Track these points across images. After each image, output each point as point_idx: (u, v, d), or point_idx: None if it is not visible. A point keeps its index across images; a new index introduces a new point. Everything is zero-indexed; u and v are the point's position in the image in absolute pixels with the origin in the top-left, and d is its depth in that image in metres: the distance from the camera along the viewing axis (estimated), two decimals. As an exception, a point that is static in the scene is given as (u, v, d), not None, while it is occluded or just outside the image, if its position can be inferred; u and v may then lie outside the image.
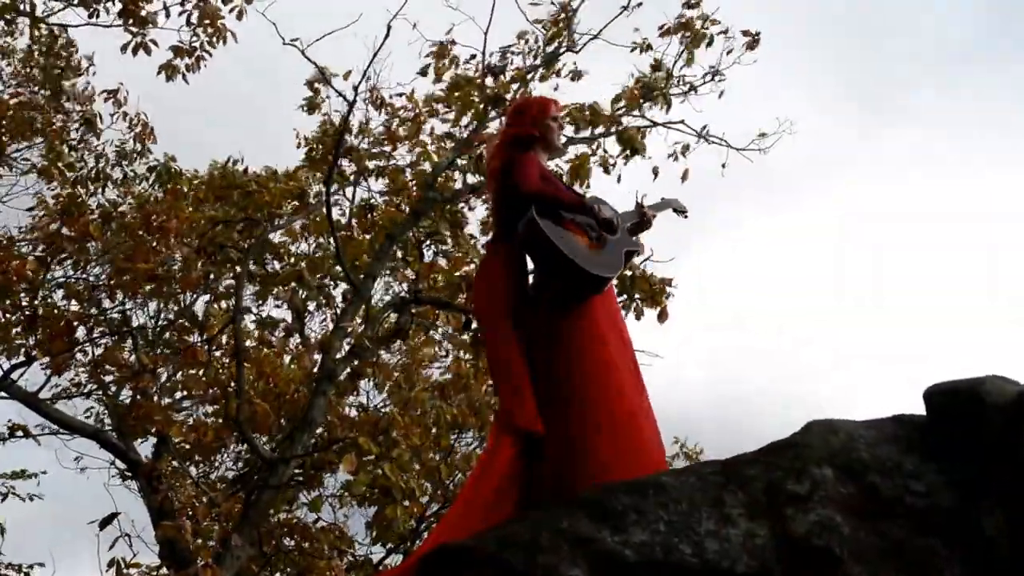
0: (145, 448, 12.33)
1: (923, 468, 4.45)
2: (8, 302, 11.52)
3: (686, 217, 6.16)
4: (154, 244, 11.91)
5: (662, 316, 12.20)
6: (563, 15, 13.20)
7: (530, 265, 5.65)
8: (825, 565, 4.20)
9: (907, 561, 4.20)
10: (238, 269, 12.35)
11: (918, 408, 4.79)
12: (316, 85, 13.52)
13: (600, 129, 12.77)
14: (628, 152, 12.84)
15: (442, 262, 13.44)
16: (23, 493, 12.66)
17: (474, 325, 12.65)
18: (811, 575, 4.20)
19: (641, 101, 13.07)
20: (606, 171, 13.03)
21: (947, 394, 4.59)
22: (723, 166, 13.63)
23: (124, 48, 12.44)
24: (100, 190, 13.59)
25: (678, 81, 13.35)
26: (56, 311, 12.05)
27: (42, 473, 12.63)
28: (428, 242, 13.24)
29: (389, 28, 12.15)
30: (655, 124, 13.31)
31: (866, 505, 4.35)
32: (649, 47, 13.39)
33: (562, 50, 13.42)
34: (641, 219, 5.87)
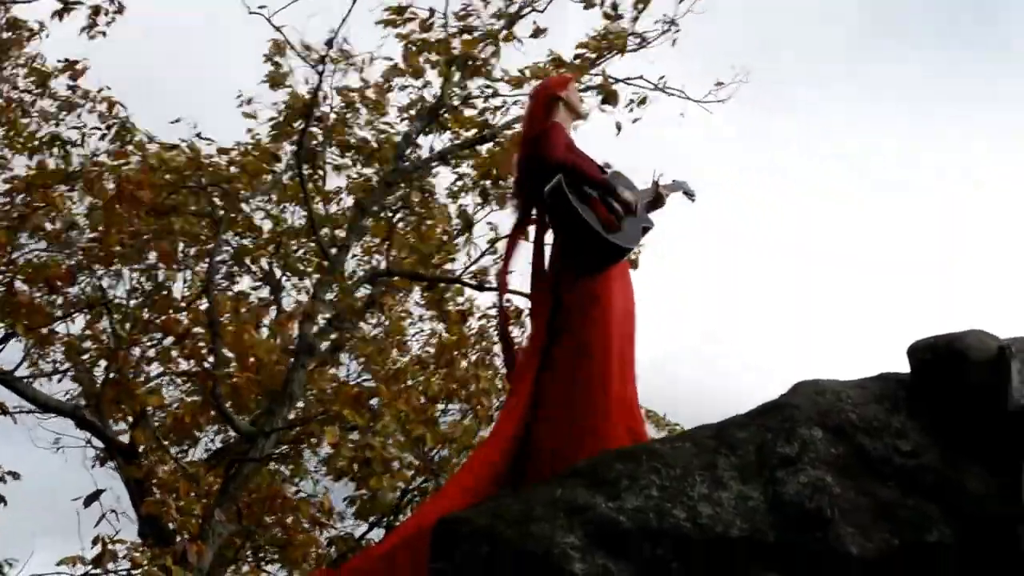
0: (123, 427, 12.30)
1: (909, 427, 4.52)
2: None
3: (694, 200, 6.28)
4: (125, 213, 11.81)
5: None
6: None
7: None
8: (816, 526, 4.27)
9: (897, 521, 4.26)
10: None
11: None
12: (277, 58, 13.39)
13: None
14: (603, 104, 12.84)
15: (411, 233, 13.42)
16: None
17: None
18: (803, 537, 4.27)
19: (603, 53, 13.05)
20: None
21: (929, 349, 4.66)
22: (681, 115, 13.56)
23: (54, 15, 12.45)
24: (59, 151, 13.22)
25: (633, 34, 13.31)
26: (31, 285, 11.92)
27: (12, 475, 12.36)
28: (399, 213, 13.23)
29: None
30: (617, 80, 13.28)
31: (855, 466, 4.41)
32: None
33: (526, 10, 13.38)
34: (656, 197, 5.98)
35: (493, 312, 13.85)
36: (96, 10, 12.64)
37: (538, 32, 13.29)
